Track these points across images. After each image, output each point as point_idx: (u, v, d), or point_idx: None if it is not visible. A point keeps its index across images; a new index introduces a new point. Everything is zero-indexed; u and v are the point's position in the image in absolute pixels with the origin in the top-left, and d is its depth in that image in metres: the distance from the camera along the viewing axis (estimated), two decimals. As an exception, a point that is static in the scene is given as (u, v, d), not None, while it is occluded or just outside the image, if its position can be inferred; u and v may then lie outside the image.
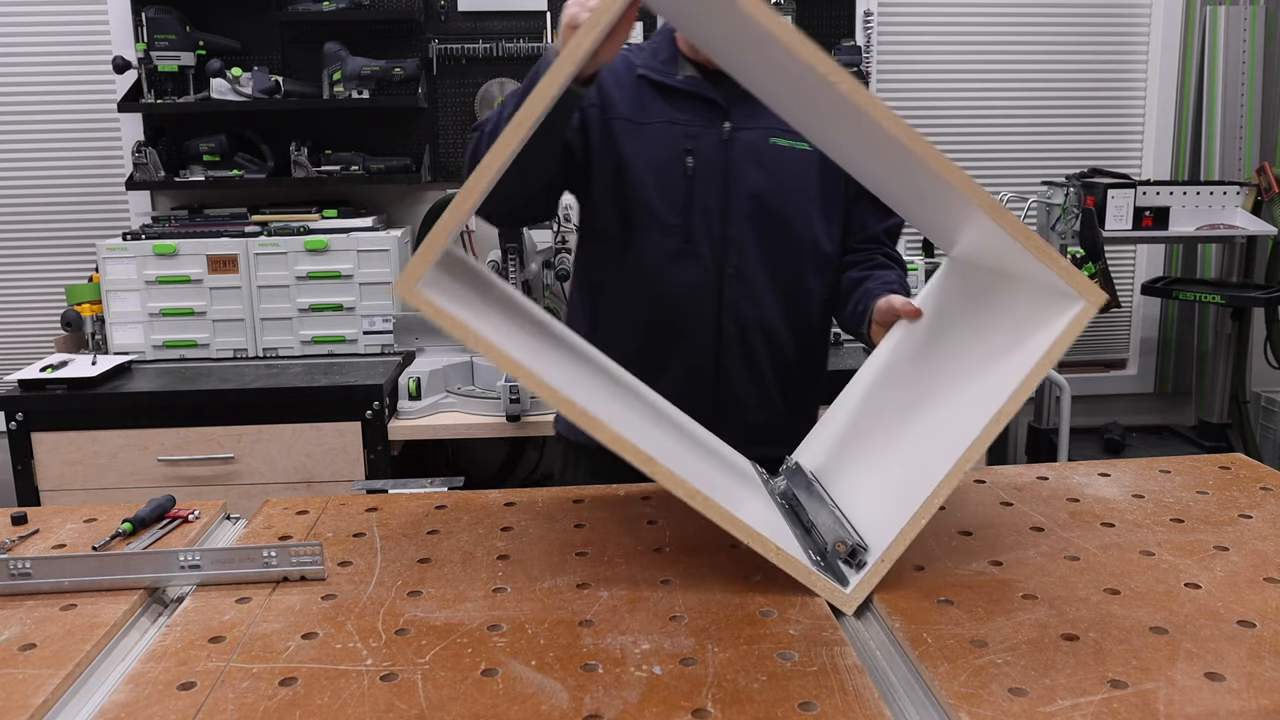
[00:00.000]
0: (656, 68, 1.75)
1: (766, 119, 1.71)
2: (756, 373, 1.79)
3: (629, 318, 1.77)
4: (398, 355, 3.03)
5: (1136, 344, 3.87)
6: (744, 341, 1.76)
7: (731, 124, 1.73)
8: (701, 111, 1.73)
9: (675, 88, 1.73)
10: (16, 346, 3.55)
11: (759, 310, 1.76)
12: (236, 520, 1.46)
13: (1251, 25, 3.57)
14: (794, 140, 1.75)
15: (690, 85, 1.73)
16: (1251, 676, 0.93)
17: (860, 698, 0.92)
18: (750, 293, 1.75)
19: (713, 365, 1.76)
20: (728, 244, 1.73)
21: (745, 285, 1.75)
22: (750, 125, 1.74)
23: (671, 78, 1.74)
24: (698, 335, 1.75)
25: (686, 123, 1.73)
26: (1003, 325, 1.20)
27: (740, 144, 1.73)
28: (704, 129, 1.73)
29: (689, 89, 1.73)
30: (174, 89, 3.19)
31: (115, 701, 0.94)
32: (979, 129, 3.68)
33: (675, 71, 1.75)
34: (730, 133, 1.73)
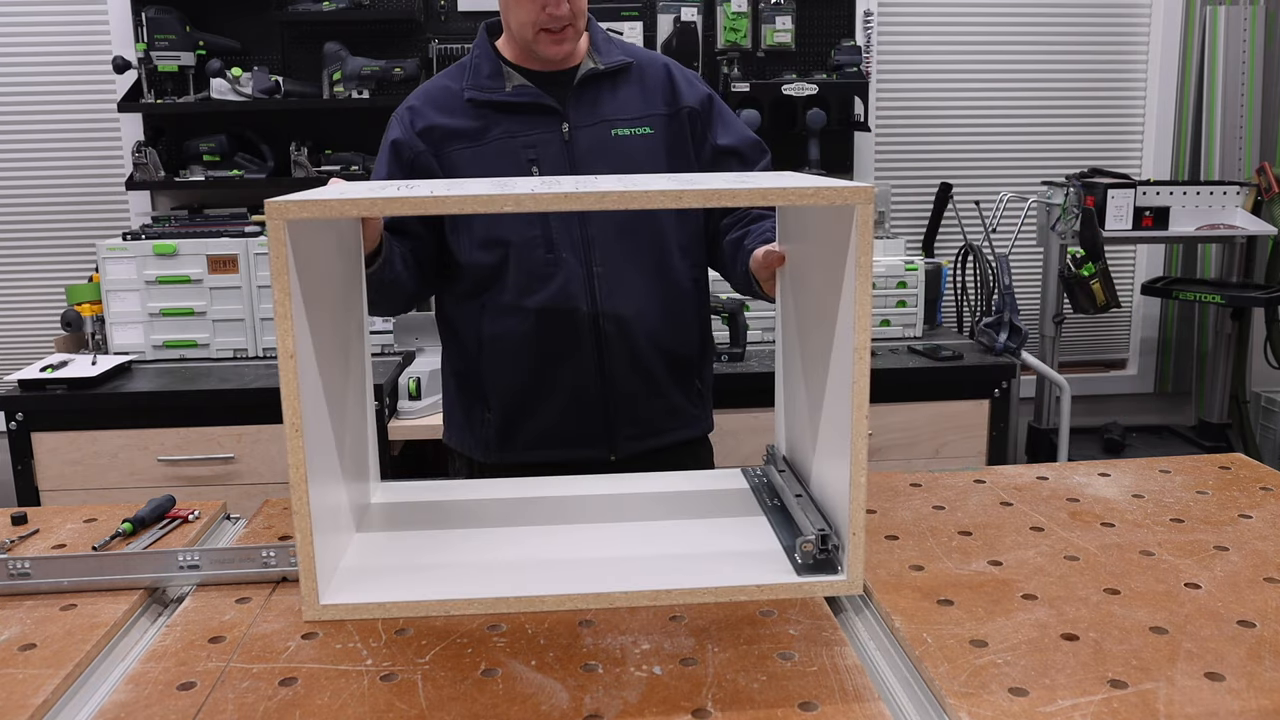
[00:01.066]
0: (483, 85, 1.74)
1: (602, 112, 1.74)
2: (640, 366, 1.77)
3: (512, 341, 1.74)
4: (398, 355, 3.03)
5: (1136, 344, 3.87)
6: (624, 336, 1.75)
7: (570, 124, 1.73)
8: (538, 118, 1.73)
9: (507, 102, 1.73)
10: (16, 346, 3.55)
11: (633, 302, 1.75)
12: (236, 520, 1.46)
13: (1251, 25, 3.57)
14: (634, 127, 1.75)
15: (521, 95, 1.73)
16: (1251, 676, 0.93)
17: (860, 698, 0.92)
18: (621, 287, 1.74)
19: (596, 366, 1.75)
20: (590, 244, 1.73)
21: (614, 281, 1.74)
22: (588, 122, 1.74)
23: (500, 93, 1.73)
24: (580, 340, 1.74)
25: (524, 132, 1.72)
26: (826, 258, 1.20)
27: (582, 142, 1.73)
28: (543, 134, 1.72)
29: (521, 99, 1.73)
30: (174, 89, 3.19)
31: (115, 701, 0.94)
32: (979, 129, 3.68)
33: (503, 85, 1.74)
34: (570, 133, 1.73)
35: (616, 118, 1.75)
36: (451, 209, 1.02)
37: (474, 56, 1.78)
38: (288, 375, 1.01)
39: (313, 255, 1.11)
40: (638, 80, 1.79)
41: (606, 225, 1.73)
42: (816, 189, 1.05)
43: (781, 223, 1.47)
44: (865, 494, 1.09)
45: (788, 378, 1.45)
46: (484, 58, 1.77)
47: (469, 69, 1.77)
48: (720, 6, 3.28)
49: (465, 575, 1.15)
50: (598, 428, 1.76)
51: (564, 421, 1.76)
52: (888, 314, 3.12)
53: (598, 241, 1.73)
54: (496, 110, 1.73)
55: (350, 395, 1.28)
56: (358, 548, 1.24)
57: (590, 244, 1.72)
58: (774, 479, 1.43)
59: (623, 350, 1.75)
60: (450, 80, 1.78)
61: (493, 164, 1.70)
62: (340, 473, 1.20)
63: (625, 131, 1.75)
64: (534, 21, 1.67)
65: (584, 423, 1.76)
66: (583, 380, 1.75)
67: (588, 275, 1.72)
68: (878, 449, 2.83)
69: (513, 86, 1.73)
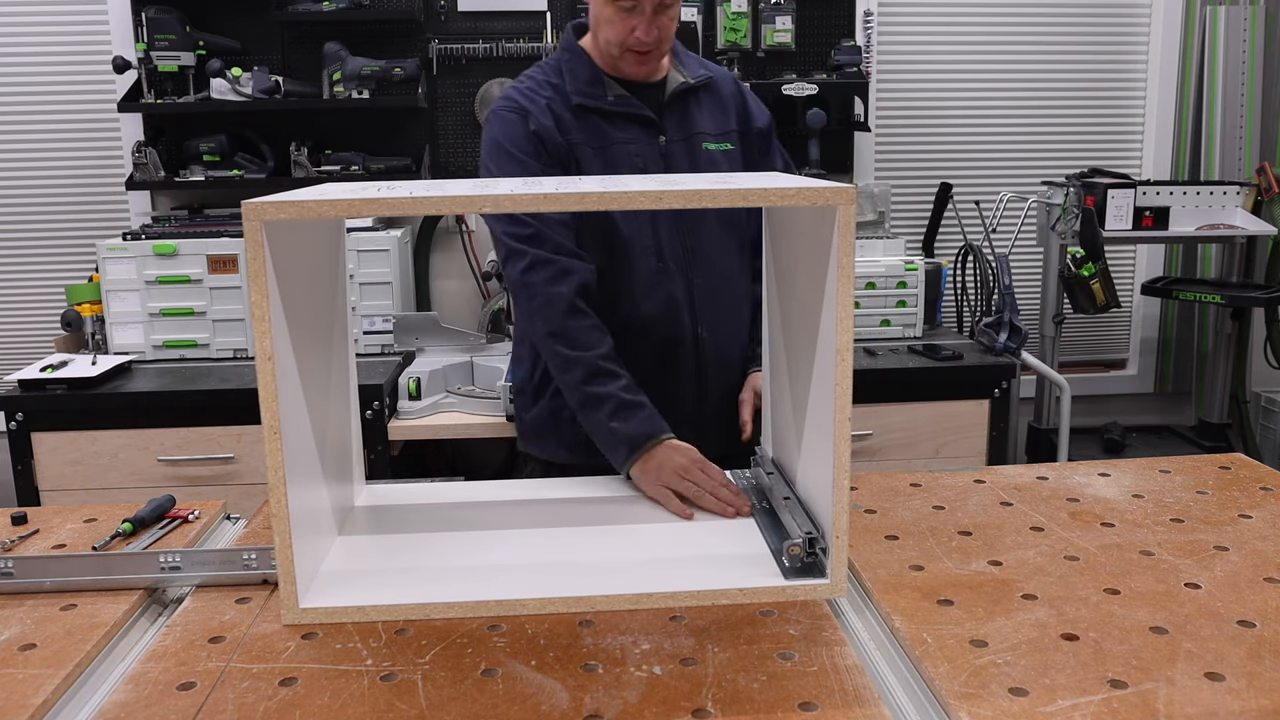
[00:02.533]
0: (588, 93, 1.76)
1: (692, 125, 1.80)
2: (726, 378, 1.83)
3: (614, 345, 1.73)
4: (398, 355, 3.03)
5: (1136, 344, 3.87)
6: (716, 348, 1.80)
7: (666, 136, 1.78)
8: (639, 128, 1.77)
9: (610, 110, 1.76)
10: (16, 346, 3.55)
11: (723, 315, 1.80)
12: (236, 520, 1.46)
13: (1251, 25, 3.57)
14: (719, 142, 1.82)
15: (624, 106, 1.76)
16: (1251, 676, 0.93)
17: (860, 698, 0.92)
18: (715, 300, 1.79)
19: (694, 379, 1.79)
20: (690, 256, 1.77)
21: (710, 294, 1.79)
22: (681, 135, 1.79)
23: (605, 101, 1.76)
24: (681, 351, 1.78)
25: (632, 140, 1.76)
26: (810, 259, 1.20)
27: (677, 154, 1.78)
28: (646, 145, 1.76)
29: (624, 110, 1.76)
30: (174, 89, 3.19)
31: (115, 701, 0.94)
32: (979, 129, 3.67)
33: (605, 93, 1.77)
34: (667, 145, 1.78)
35: (705, 132, 1.81)
36: (429, 209, 1.02)
37: (566, 60, 1.80)
38: (265, 378, 1.01)
39: (293, 257, 1.10)
40: (716, 96, 1.85)
41: (703, 237, 1.77)
42: (798, 190, 1.04)
43: (768, 223, 1.47)
44: (848, 498, 1.09)
45: (774, 379, 1.45)
46: (579, 63, 1.79)
47: (565, 72, 1.78)
48: (720, 6, 3.28)
49: (447, 578, 1.15)
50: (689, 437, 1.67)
51: None
52: (888, 314, 3.11)
53: (697, 255, 1.77)
54: (602, 117, 1.76)
55: (333, 398, 1.28)
56: (340, 551, 1.24)
57: (690, 256, 1.77)
58: (762, 481, 1.43)
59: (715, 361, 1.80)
60: (550, 79, 1.78)
61: (612, 170, 1.74)
62: (322, 475, 1.20)
63: (713, 146, 1.81)
64: (621, 41, 1.71)
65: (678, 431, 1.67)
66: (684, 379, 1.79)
67: (689, 287, 1.77)
68: (878, 449, 2.83)
69: (614, 96, 1.77)
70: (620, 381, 1.61)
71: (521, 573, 1.17)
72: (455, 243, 3.47)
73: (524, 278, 1.66)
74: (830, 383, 1.07)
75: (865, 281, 3.08)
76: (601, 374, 1.61)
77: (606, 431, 1.57)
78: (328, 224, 1.32)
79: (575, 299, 1.64)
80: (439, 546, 1.25)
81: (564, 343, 1.63)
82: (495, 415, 2.72)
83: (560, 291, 1.64)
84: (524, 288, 1.67)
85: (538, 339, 1.69)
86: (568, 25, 1.85)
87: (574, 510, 1.39)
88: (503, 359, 2.89)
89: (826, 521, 1.13)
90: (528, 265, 1.66)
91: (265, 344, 1.01)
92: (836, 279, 1.05)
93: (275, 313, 1.03)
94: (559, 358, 1.64)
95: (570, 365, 1.62)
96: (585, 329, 1.64)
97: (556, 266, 1.65)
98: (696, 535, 1.30)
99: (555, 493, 1.48)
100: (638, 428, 1.54)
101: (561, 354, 1.63)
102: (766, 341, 1.49)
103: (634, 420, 1.56)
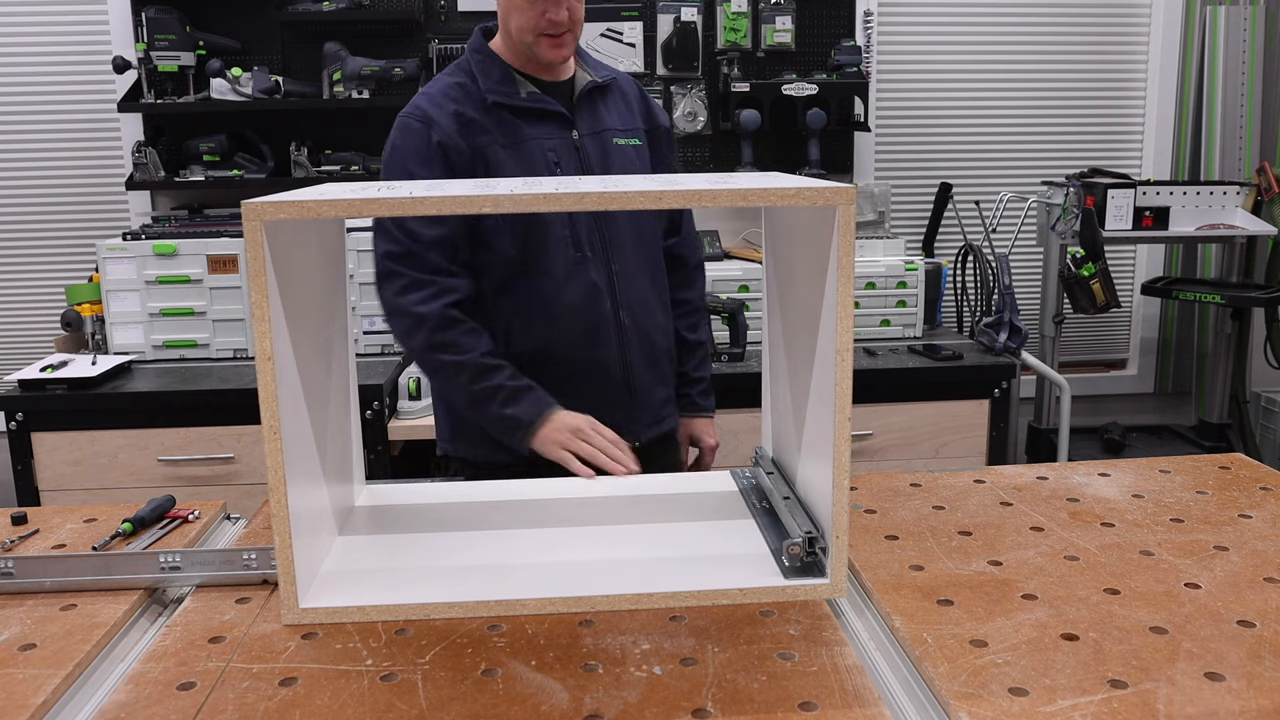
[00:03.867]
0: (500, 90, 1.78)
1: (602, 121, 1.86)
2: (651, 357, 1.89)
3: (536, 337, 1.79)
4: (398, 355, 3.03)
5: (1136, 344, 3.87)
6: (638, 331, 1.86)
7: (579, 132, 1.82)
8: (551, 125, 1.80)
9: (524, 107, 1.79)
10: (16, 346, 3.55)
11: (642, 298, 1.86)
12: (237, 520, 1.46)
13: (1251, 25, 3.57)
14: (628, 138, 1.88)
15: (537, 102, 1.80)
16: (1251, 676, 0.93)
17: (860, 698, 0.92)
18: (633, 285, 1.85)
19: (620, 360, 1.84)
20: (609, 245, 1.82)
21: (628, 279, 1.84)
22: (592, 130, 1.84)
23: (518, 98, 1.79)
24: (602, 338, 1.82)
25: (546, 136, 1.79)
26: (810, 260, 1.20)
27: (590, 148, 1.83)
28: (560, 140, 1.80)
29: (537, 105, 1.80)
30: (174, 89, 3.19)
31: (115, 701, 0.94)
32: (979, 129, 3.68)
33: (517, 90, 1.80)
34: (580, 140, 1.82)
35: (614, 128, 1.86)
36: (429, 210, 1.02)
37: (477, 60, 1.81)
38: (265, 378, 1.01)
39: (293, 257, 1.10)
40: (620, 96, 1.91)
41: (617, 225, 1.83)
42: (798, 190, 1.04)
43: (768, 223, 1.47)
44: (848, 497, 1.09)
45: (774, 379, 1.45)
46: (490, 62, 1.81)
47: (475, 72, 1.80)
48: (720, 6, 3.28)
49: (447, 578, 1.15)
50: (620, 416, 1.81)
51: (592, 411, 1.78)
52: (888, 314, 3.12)
53: (614, 243, 1.82)
54: (515, 114, 1.78)
55: (333, 398, 1.28)
56: (340, 551, 1.24)
57: (609, 245, 1.82)
58: (762, 481, 1.43)
59: (637, 344, 1.86)
60: (462, 80, 1.80)
61: (526, 165, 1.77)
62: (322, 475, 1.20)
63: (622, 141, 1.87)
64: (534, 27, 1.74)
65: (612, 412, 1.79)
66: (609, 365, 1.84)
67: (609, 274, 1.82)
68: (878, 449, 2.83)
69: (526, 93, 1.80)
70: (505, 372, 1.70)
71: (521, 573, 1.17)
72: (455, 243, 3.47)
73: (396, 300, 1.72)
74: (830, 383, 1.07)
75: (865, 281, 3.08)
76: (486, 370, 1.69)
77: (500, 419, 1.68)
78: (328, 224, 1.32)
79: (448, 310, 1.71)
80: (439, 546, 1.25)
81: (444, 350, 1.71)
82: (495, 415, 2.71)
83: (433, 309, 1.70)
84: (396, 309, 1.73)
85: (416, 355, 1.76)
86: (475, 30, 1.88)
87: (574, 510, 1.39)
88: (503, 359, 2.89)
89: (826, 521, 1.13)
90: (401, 289, 1.72)
91: (265, 344, 1.01)
92: (836, 279, 1.05)
93: (275, 313, 1.03)
94: (442, 366, 1.73)
95: (456, 370, 1.71)
96: (462, 334, 1.71)
97: (433, 288, 1.71)
98: (696, 535, 1.30)
99: (555, 493, 1.48)
100: (529, 407, 1.68)
101: (443, 361, 1.72)
102: (766, 342, 1.49)
103: (524, 402, 1.68)
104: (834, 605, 1.12)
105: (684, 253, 2.00)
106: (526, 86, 1.80)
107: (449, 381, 1.75)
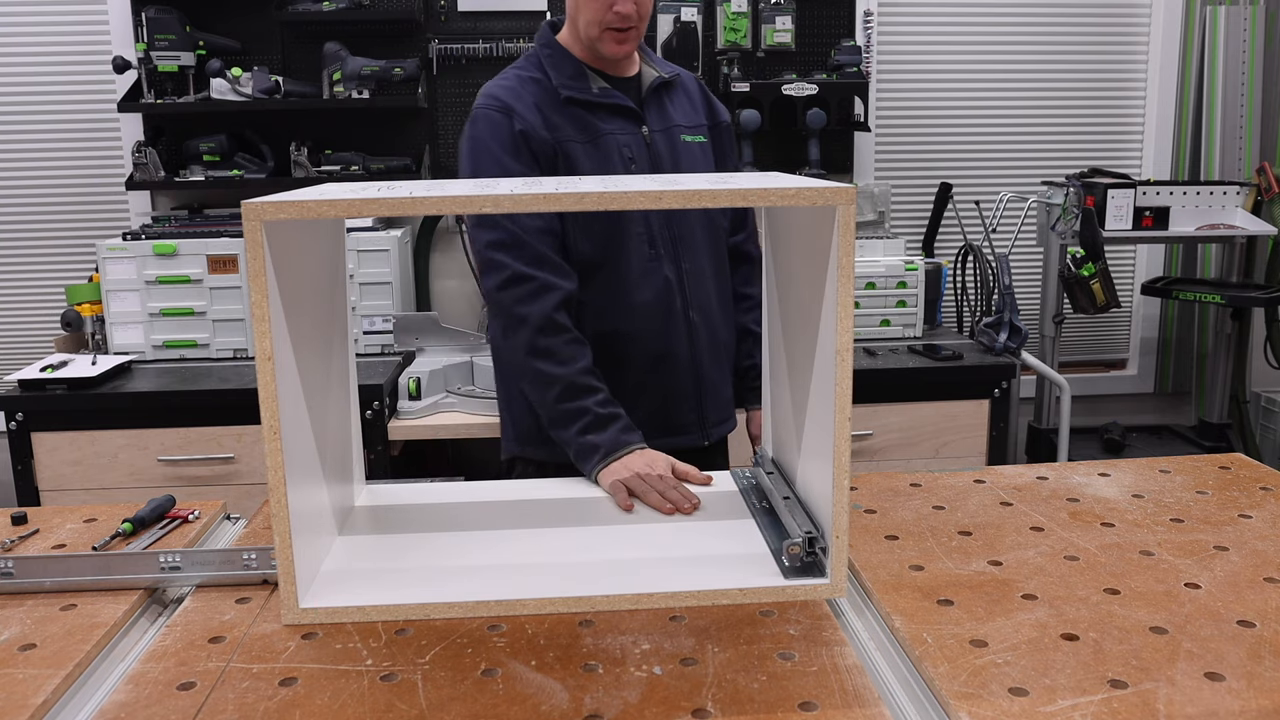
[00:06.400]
0: (573, 85, 1.78)
1: (669, 118, 1.85)
2: (716, 355, 1.88)
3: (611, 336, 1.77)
4: (398, 355, 3.03)
5: (1136, 344, 3.87)
6: (707, 328, 1.85)
7: (649, 128, 1.82)
8: (623, 120, 1.80)
9: (596, 102, 1.78)
10: (16, 346, 3.55)
11: (709, 297, 1.86)
12: (236, 520, 1.46)
13: (1251, 25, 3.57)
14: (694, 134, 1.87)
15: (609, 98, 1.79)
16: (1251, 676, 0.93)
17: (860, 698, 0.92)
18: (701, 283, 1.84)
19: (690, 358, 1.83)
20: (678, 242, 1.81)
21: (696, 278, 1.83)
22: (661, 126, 1.83)
23: (590, 93, 1.78)
24: (674, 336, 1.81)
25: (619, 132, 1.78)
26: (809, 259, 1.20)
27: (659, 144, 1.82)
28: (631, 136, 1.79)
29: (609, 101, 1.79)
30: (174, 89, 3.19)
31: (115, 701, 0.94)
32: (979, 129, 3.67)
33: (589, 86, 1.79)
34: (650, 135, 1.81)
35: (681, 125, 1.86)
36: (429, 209, 1.02)
37: (546, 55, 1.81)
38: (265, 378, 1.01)
39: (293, 257, 1.10)
40: (684, 93, 1.91)
41: (687, 224, 1.82)
42: (798, 190, 1.04)
43: (768, 223, 1.47)
44: (848, 497, 1.09)
45: (774, 379, 1.45)
46: (561, 57, 1.80)
47: (547, 67, 1.79)
48: (720, 6, 3.28)
49: (447, 578, 1.15)
50: (691, 414, 1.83)
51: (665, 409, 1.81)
52: (888, 314, 3.11)
53: (684, 241, 1.82)
54: (588, 109, 1.78)
55: (333, 398, 1.28)
56: (340, 550, 1.24)
57: (678, 242, 1.81)
58: (762, 481, 1.43)
59: (706, 342, 1.85)
60: (534, 75, 1.79)
61: (603, 161, 1.76)
62: (322, 475, 1.20)
63: (689, 138, 1.86)
64: (600, 20, 1.73)
65: (683, 410, 1.82)
66: (679, 361, 1.82)
67: (679, 272, 1.81)
68: (878, 449, 2.83)
69: (598, 88, 1.79)
70: (597, 396, 1.63)
71: (521, 573, 1.17)
72: (455, 243, 3.47)
73: (499, 295, 1.67)
74: (830, 383, 1.07)
75: (865, 281, 3.08)
76: (579, 391, 1.63)
77: (577, 445, 1.59)
78: (328, 224, 1.32)
79: (553, 314, 1.65)
80: (439, 546, 1.25)
81: (541, 358, 1.65)
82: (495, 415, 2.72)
83: (536, 310, 1.65)
84: (498, 306, 1.69)
85: (512, 353, 1.70)
86: (542, 24, 1.87)
87: (574, 510, 1.39)
88: (503, 359, 2.89)
89: (826, 521, 1.13)
90: (504, 281, 1.66)
91: (265, 344, 1.01)
92: (836, 279, 1.05)
93: (275, 313, 1.03)
94: (536, 375, 1.66)
95: (548, 382, 1.65)
96: (564, 343, 1.65)
97: (535, 283, 1.66)
98: (696, 535, 1.30)
99: (555, 493, 1.48)
100: (611, 438, 1.57)
101: (538, 369, 1.65)
102: (766, 341, 1.49)
103: (608, 430, 1.59)
104: (834, 605, 1.12)
105: (750, 249, 1.99)
106: (598, 82, 1.80)
107: (537, 390, 1.67)
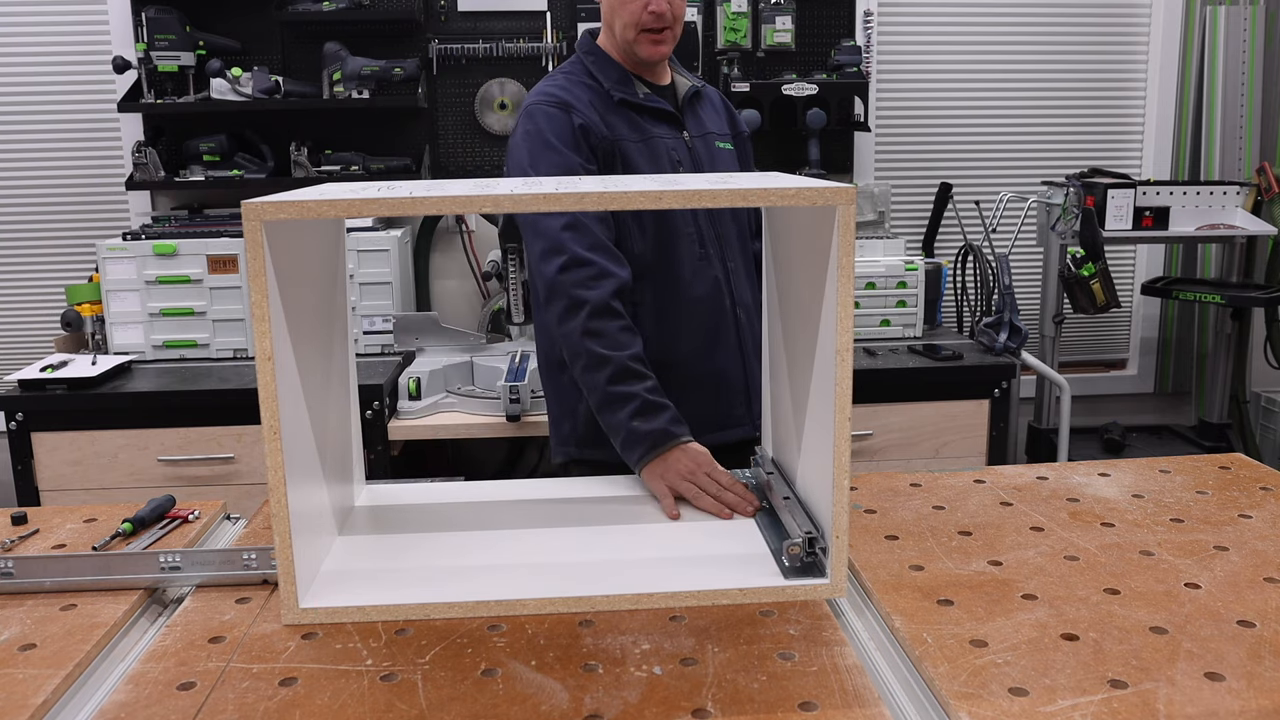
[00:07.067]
0: (623, 89, 1.82)
1: (704, 125, 1.91)
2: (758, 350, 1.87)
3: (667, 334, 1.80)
4: (398, 355, 3.03)
5: (1136, 344, 3.87)
6: (750, 327, 1.87)
7: (689, 132, 1.87)
8: (667, 125, 1.85)
9: (644, 106, 1.83)
10: (16, 346, 3.55)
11: (750, 296, 1.89)
12: (236, 520, 1.46)
13: (1251, 25, 3.57)
14: (725, 142, 1.93)
15: (654, 102, 1.84)
16: (1251, 676, 0.93)
17: (860, 698, 0.92)
18: (742, 283, 1.88)
19: (738, 356, 1.86)
20: (722, 241, 1.85)
21: (738, 277, 1.88)
22: (699, 131, 1.89)
23: (637, 97, 1.83)
24: (724, 335, 1.85)
25: (665, 135, 1.83)
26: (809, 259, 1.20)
27: (699, 148, 1.87)
28: (675, 140, 1.84)
29: (655, 105, 1.84)
30: (174, 89, 3.19)
31: (115, 701, 0.94)
32: (979, 129, 3.67)
33: (635, 90, 1.84)
34: (690, 140, 1.87)
35: (714, 132, 1.92)
36: (429, 209, 1.02)
37: (591, 60, 1.85)
38: (265, 378, 1.01)
39: (293, 257, 1.11)
40: (710, 103, 1.97)
41: (728, 224, 1.87)
42: (798, 190, 1.04)
43: (768, 224, 1.47)
44: (848, 497, 1.09)
45: (774, 379, 1.45)
46: (605, 62, 1.85)
47: (594, 71, 1.83)
48: (720, 6, 3.28)
49: (447, 578, 1.15)
50: (742, 410, 1.86)
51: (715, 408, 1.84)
52: (888, 314, 3.11)
53: (726, 240, 1.86)
54: (636, 111, 1.82)
55: (333, 398, 1.28)
56: (340, 550, 1.24)
57: (722, 241, 1.85)
58: (762, 481, 1.43)
59: (751, 339, 1.87)
60: (584, 79, 1.83)
61: (655, 161, 1.80)
62: (322, 475, 1.20)
63: (721, 145, 1.92)
64: (636, 22, 1.77)
65: (733, 408, 1.85)
66: (729, 356, 1.86)
67: (724, 270, 1.85)
68: (878, 449, 2.83)
69: (644, 93, 1.84)
70: (647, 383, 1.62)
71: (521, 573, 1.17)
72: (455, 243, 3.47)
73: (561, 278, 1.66)
74: (830, 383, 1.08)
75: (865, 281, 3.08)
76: (630, 375, 1.61)
77: (627, 430, 1.57)
78: (328, 224, 1.32)
79: (610, 300, 1.65)
80: (439, 546, 1.25)
81: (594, 339, 1.63)
82: (495, 415, 2.72)
83: (595, 295, 1.64)
84: (556, 289, 1.67)
85: (568, 336, 1.67)
86: (582, 32, 1.95)
87: (574, 510, 1.39)
88: (503, 359, 2.89)
89: (826, 521, 1.13)
90: (563, 265, 1.65)
91: (265, 344, 1.01)
92: (836, 279, 1.05)
93: (275, 313, 1.03)
94: (591, 355, 1.63)
95: (599, 363, 1.63)
96: (618, 328, 1.65)
97: (595, 268, 1.66)
98: (696, 535, 1.30)
99: (555, 493, 1.48)
100: (660, 427, 1.55)
101: (591, 350, 1.63)
102: (767, 341, 1.49)
103: (657, 420, 1.56)
104: (834, 605, 1.12)
105: None
106: (641, 87, 1.84)
107: (589, 372, 1.64)
